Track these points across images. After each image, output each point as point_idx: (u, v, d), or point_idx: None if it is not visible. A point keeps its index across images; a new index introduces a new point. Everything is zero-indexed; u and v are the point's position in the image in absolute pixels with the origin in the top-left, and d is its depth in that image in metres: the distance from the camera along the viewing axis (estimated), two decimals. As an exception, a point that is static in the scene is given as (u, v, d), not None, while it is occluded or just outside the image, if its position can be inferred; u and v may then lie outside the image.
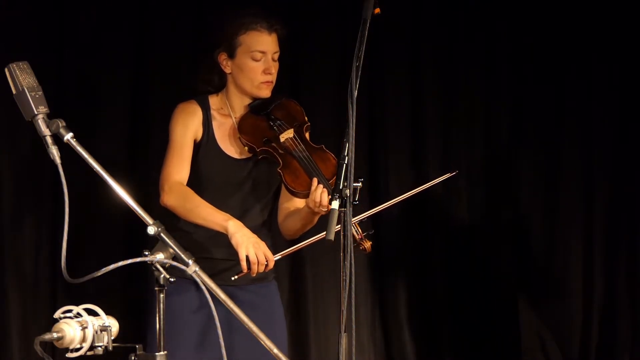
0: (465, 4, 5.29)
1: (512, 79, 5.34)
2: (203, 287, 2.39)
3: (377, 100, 5.19)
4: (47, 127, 2.41)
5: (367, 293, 5.17)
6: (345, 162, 3.01)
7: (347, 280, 2.90)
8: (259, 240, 3.45)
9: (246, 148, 3.62)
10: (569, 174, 5.35)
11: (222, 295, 2.46)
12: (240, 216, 3.57)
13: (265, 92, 3.65)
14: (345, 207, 2.98)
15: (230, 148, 3.66)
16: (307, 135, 3.66)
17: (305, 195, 3.48)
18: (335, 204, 2.98)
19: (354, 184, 3.01)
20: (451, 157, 5.27)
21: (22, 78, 2.44)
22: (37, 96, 2.43)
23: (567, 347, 5.35)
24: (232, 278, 3.47)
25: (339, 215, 2.99)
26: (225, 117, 3.69)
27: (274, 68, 3.66)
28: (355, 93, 2.99)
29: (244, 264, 3.40)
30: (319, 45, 5.07)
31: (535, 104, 5.34)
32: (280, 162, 3.54)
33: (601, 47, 5.32)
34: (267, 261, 3.43)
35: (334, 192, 3.00)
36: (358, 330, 3.00)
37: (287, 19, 4.96)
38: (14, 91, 2.45)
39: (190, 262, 2.40)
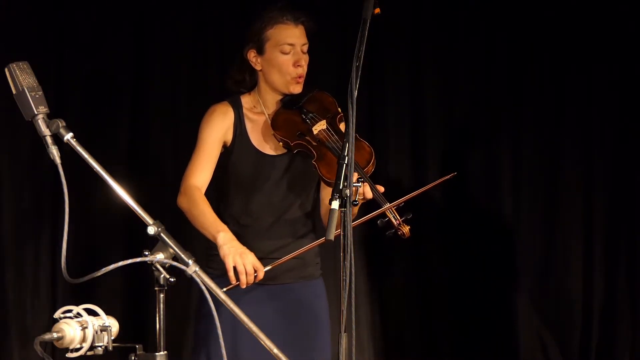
0: (465, 3, 5.29)
1: (512, 78, 5.34)
2: (203, 287, 2.38)
3: (377, 100, 5.19)
4: (47, 127, 2.41)
5: (367, 293, 5.17)
6: (345, 162, 3.00)
7: (347, 280, 2.90)
8: (246, 251, 3.42)
9: (281, 144, 3.61)
10: (569, 174, 5.35)
11: (222, 296, 2.46)
12: (284, 212, 3.60)
13: (297, 88, 3.65)
14: (345, 207, 2.98)
15: (266, 145, 3.65)
16: (341, 126, 3.65)
17: None
18: (335, 204, 2.97)
19: (354, 184, 3.01)
20: (451, 157, 5.27)
21: (22, 78, 2.43)
22: (37, 96, 2.43)
23: (567, 347, 5.35)
24: (223, 290, 3.43)
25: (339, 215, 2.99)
26: (259, 115, 3.68)
27: (304, 60, 3.66)
28: (355, 93, 2.99)
29: (231, 273, 3.38)
30: (319, 45, 5.07)
31: (535, 103, 5.34)
32: (315, 154, 3.53)
33: (601, 48, 5.32)
34: (255, 271, 3.41)
35: (334, 192, 2.99)
36: (358, 330, 3.00)
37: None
38: (14, 91, 2.45)
39: (190, 262, 2.40)
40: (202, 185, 3.59)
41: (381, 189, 3.48)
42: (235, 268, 3.37)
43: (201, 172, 3.59)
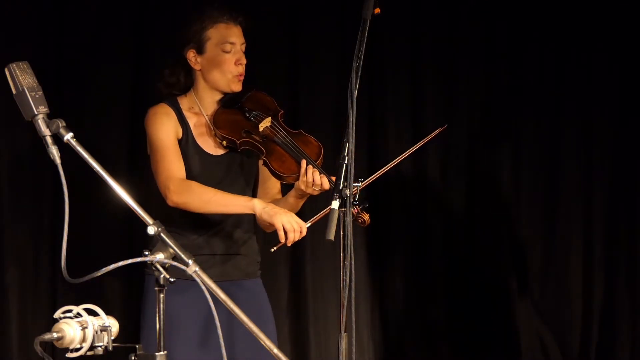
0: (465, 3, 5.29)
1: (512, 78, 5.34)
2: (203, 287, 2.38)
3: (377, 100, 5.19)
4: (47, 127, 2.41)
5: (367, 293, 5.17)
6: (345, 162, 3.00)
7: (347, 280, 2.90)
8: (287, 210, 3.50)
9: (224, 142, 3.64)
10: (569, 173, 5.35)
11: (222, 295, 2.45)
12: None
13: (238, 87, 3.69)
14: (345, 207, 2.98)
15: (208, 145, 3.68)
16: (282, 121, 3.70)
17: (295, 178, 3.55)
18: (335, 204, 2.98)
19: (354, 184, 3.01)
20: (451, 156, 5.27)
21: (22, 78, 2.43)
22: (37, 96, 2.43)
23: (567, 347, 5.35)
24: (272, 249, 3.55)
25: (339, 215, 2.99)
26: (197, 115, 3.70)
27: (244, 59, 3.70)
28: (355, 93, 2.99)
29: (281, 233, 3.44)
30: (319, 45, 5.08)
31: (535, 103, 5.34)
32: (264, 150, 3.58)
33: (602, 44, 5.32)
34: (300, 228, 3.47)
35: (334, 192, 3.00)
36: (358, 330, 3.00)
37: (287, 18, 5.00)
38: (14, 91, 2.44)
39: (190, 262, 2.40)
40: (184, 177, 3.61)
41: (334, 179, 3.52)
42: (284, 227, 3.44)
43: (179, 166, 3.61)
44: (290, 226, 3.44)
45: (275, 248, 3.53)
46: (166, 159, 3.61)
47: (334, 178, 3.47)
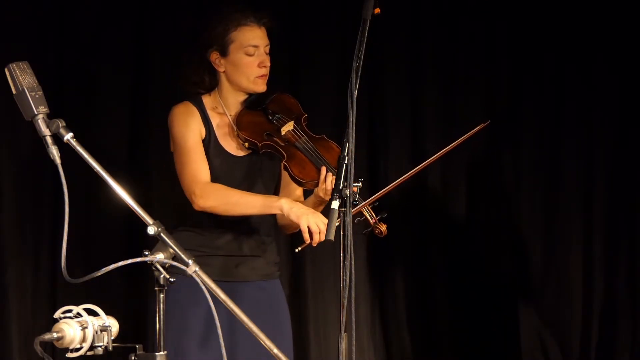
0: (465, 3, 5.29)
1: (512, 78, 5.34)
2: (203, 287, 2.38)
3: (377, 100, 5.19)
4: (47, 127, 2.41)
5: (367, 293, 5.17)
6: (345, 162, 3.01)
7: (347, 280, 2.90)
8: (314, 210, 3.49)
9: (246, 144, 3.62)
10: (569, 174, 5.35)
11: (222, 295, 2.45)
12: None
13: (262, 87, 3.67)
14: (345, 207, 2.98)
15: (231, 146, 3.66)
16: (305, 125, 3.67)
17: (314, 184, 3.53)
18: (335, 204, 2.98)
19: (354, 184, 3.01)
20: (451, 157, 5.27)
21: (22, 78, 2.43)
22: (37, 96, 2.43)
23: (567, 347, 5.35)
24: (296, 250, 3.56)
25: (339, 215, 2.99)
26: (221, 115, 3.69)
27: (268, 61, 3.67)
28: (355, 93, 2.99)
29: (306, 235, 3.43)
30: (319, 44, 5.08)
31: (535, 104, 5.34)
32: (285, 154, 3.55)
33: (602, 47, 5.32)
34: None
35: (334, 192, 3.00)
36: (358, 330, 3.01)
37: (287, 18, 4.99)
38: (14, 91, 2.44)
39: (190, 262, 2.40)
40: (209, 180, 3.59)
41: (355, 188, 3.50)
42: (309, 228, 3.43)
43: (204, 169, 3.60)
44: (316, 227, 3.42)
45: (299, 248, 3.53)
46: (191, 161, 3.60)
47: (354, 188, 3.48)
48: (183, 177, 3.60)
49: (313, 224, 3.42)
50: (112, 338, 2.30)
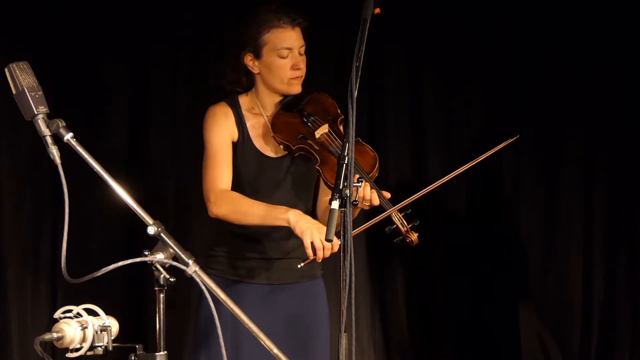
0: (465, 3, 5.29)
1: (512, 78, 5.34)
2: (203, 288, 2.38)
3: (377, 100, 5.19)
4: (47, 127, 2.41)
5: (367, 293, 5.17)
6: (345, 162, 3.00)
7: (347, 280, 2.90)
8: (321, 225, 3.40)
9: (281, 146, 3.59)
10: (569, 174, 5.35)
11: (222, 296, 2.45)
12: None
13: (296, 88, 3.63)
14: (345, 207, 2.98)
15: (266, 147, 3.64)
16: (341, 128, 3.63)
17: None
18: (335, 204, 2.98)
19: (354, 184, 3.01)
20: (451, 157, 5.27)
21: (22, 78, 2.43)
22: (37, 96, 2.43)
23: (567, 347, 5.35)
24: (299, 265, 3.47)
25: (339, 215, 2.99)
26: (257, 116, 3.66)
27: (302, 62, 3.64)
28: (355, 93, 2.99)
29: (309, 251, 3.38)
30: (319, 45, 5.07)
31: (535, 103, 5.34)
32: (318, 158, 3.52)
33: (602, 44, 5.32)
34: (332, 245, 3.39)
35: (334, 192, 2.99)
36: (358, 330, 3.00)
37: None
38: (14, 91, 2.45)
39: (190, 262, 2.40)
40: (229, 187, 3.57)
41: (387, 195, 3.47)
42: (313, 244, 3.37)
43: (224, 175, 3.57)
44: (320, 244, 3.36)
45: (302, 264, 3.45)
46: (213, 166, 3.57)
47: (386, 194, 3.46)
48: (203, 182, 3.58)
49: (317, 241, 3.37)
50: (112, 338, 2.31)
